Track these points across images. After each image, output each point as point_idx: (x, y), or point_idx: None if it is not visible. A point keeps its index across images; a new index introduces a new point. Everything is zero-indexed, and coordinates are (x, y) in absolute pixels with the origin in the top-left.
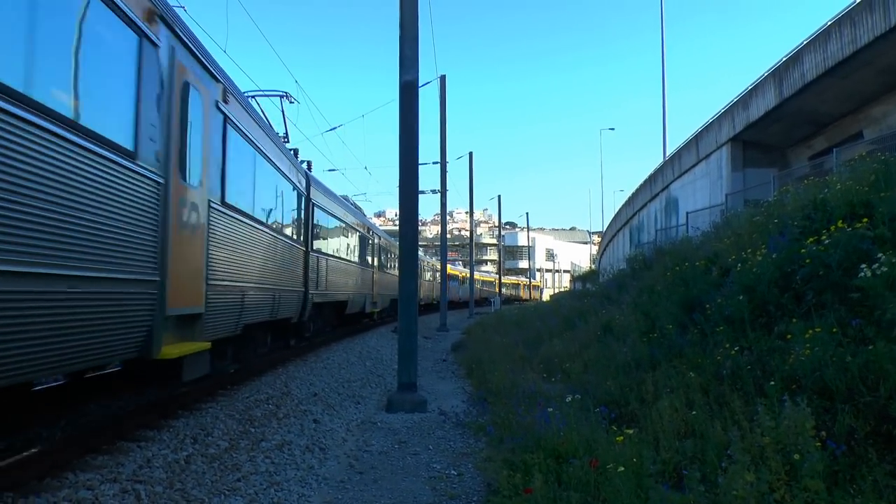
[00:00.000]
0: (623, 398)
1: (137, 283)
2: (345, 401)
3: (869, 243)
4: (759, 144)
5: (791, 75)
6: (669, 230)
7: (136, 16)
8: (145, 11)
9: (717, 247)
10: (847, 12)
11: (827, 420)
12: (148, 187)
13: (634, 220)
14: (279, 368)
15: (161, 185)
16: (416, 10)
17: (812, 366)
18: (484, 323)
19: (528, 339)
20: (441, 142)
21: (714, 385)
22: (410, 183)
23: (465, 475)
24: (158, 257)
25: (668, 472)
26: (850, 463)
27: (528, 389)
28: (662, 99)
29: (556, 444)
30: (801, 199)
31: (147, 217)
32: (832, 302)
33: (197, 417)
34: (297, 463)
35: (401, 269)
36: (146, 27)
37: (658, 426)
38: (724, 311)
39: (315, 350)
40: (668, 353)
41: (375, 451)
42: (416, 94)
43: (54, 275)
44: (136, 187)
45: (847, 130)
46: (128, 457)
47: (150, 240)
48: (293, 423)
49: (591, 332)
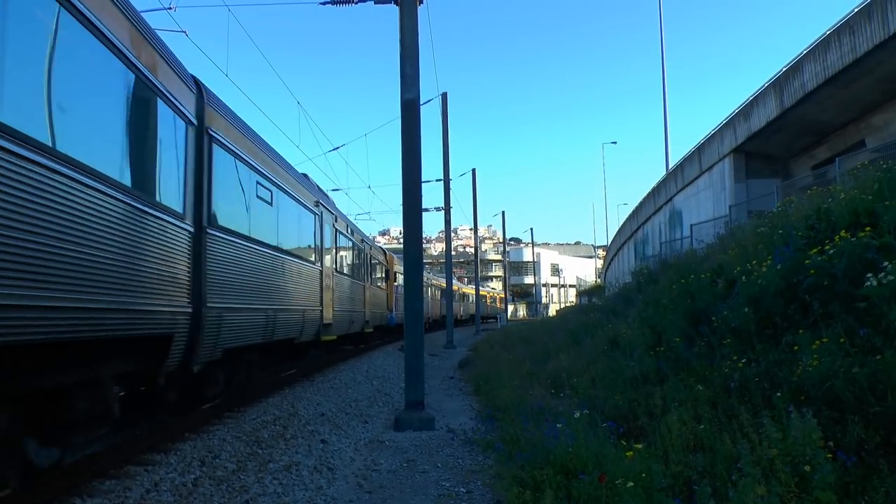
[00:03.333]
0: (631, 412)
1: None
2: (352, 420)
3: (874, 252)
4: (762, 155)
5: (791, 85)
6: (674, 243)
7: (313, 207)
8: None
9: (722, 259)
10: (846, 21)
11: (837, 431)
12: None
13: (639, 233)
14: (286, 389)
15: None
16: (417, 29)
17: (820, 377)
18: (491, 339)
19: (535, 354)
20: (444, 159)
21: (722, 398)
22: (414, 201)
23: (474, 493)
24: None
25: (677, 486)
26: (862, 474)
27: (536, 405)
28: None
29: (565, 459)
30: (804, 210)
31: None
32: (839, 312)
33: (204, 440)
34: (305, 484)
35: (406, 287)
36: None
37: (667, 440)
38: (730, 323)
39: (322, 370)
40: (676, 366)
41: (384, 470)
42: (417, 112)
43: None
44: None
45: (849, 139)
46: (135, 481)
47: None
48: (301, 444)
49: (598, 346)
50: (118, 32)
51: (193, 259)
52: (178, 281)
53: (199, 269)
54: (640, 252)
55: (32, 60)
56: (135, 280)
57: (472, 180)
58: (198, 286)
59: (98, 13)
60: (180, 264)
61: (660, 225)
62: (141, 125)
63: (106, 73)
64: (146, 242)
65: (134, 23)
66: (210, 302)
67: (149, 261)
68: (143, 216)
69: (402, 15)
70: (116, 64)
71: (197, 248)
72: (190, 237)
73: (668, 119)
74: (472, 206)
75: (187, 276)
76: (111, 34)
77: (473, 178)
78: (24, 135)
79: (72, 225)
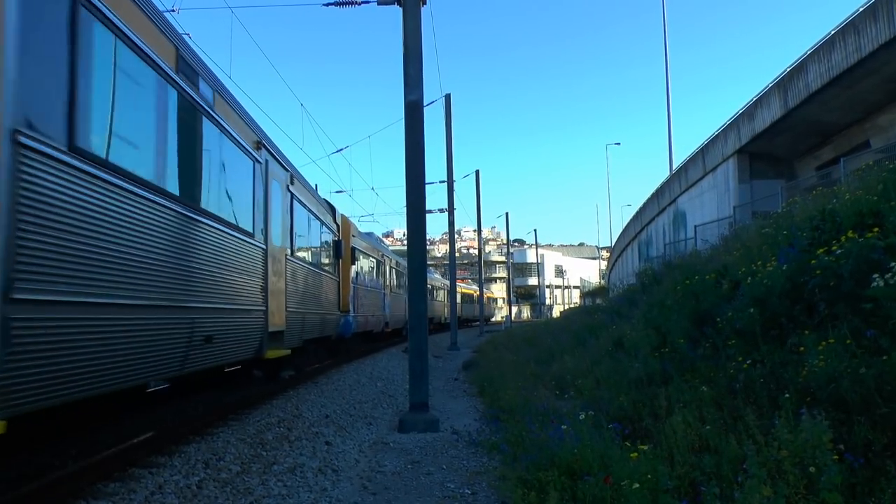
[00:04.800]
0: (636, 414)
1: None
2: (356, 422)
3: (880, 252)
4: (766, 156)
5: (796, 85)
6: (678, 244)
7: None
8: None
9: (727, 259)
10: (850, 21)
11: (843, 432)
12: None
13: (643, 234)
14: (290, 391)
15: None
16: (420, 30)
17: (826, 378)
18: (495, 341)
19: (539, 356)
20: (447, 160)
21: (727, 399)
22: (417, 203)
23: (478, 494)
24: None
25: (683, 487)
26: (869, 476)
27: (540, 407)
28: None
29: (570, 461)
30: (809, 210)
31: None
32: (845, 313)
33: (208, 442)
34: (309, 485)
35: (410, 289)
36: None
37: (672, 441)
38: (735, 324)
39: (325, 372)
40: (680, 367)
41: (388, 471)
42: (421, 114)
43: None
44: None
45: (854, 140)
46: (139, 483)
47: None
48: (305, 446)
49: (603, 347)
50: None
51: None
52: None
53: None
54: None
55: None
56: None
57: (476, 182)
58: (339, 304)
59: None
60: (337, 296)
61: (664, 226)
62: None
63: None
64: (337, 291)
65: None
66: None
67: (333, 296)
68: (335, 279)
69: (406, 16)
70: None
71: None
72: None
73: (671, 119)
74: (475, 207)
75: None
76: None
77: (477, 180)
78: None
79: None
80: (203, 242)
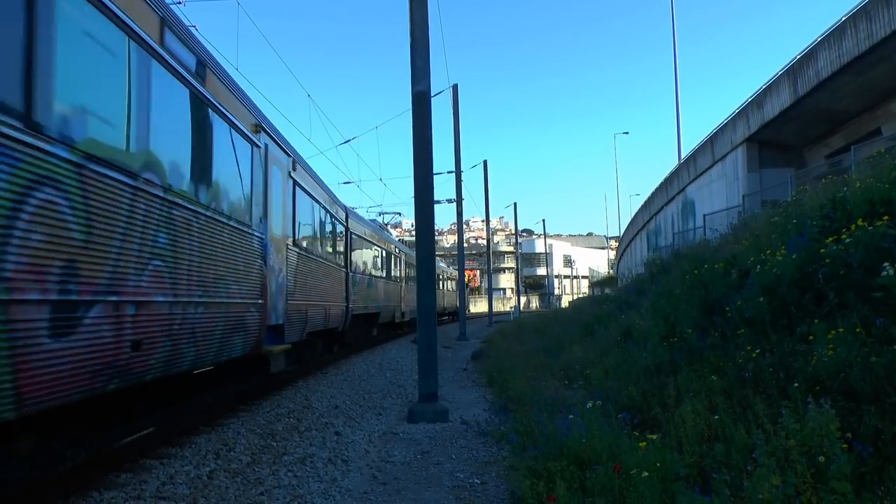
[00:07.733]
0: (645, 403)
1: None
2: (366, 412)
3: (891, 241)
4: (775, 144)
5: (806, 73)
6: (687, 233)
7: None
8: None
9: (736, 249)
10: (862, 7)
11: (853, 421)
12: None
13: (651, 223)
14: (299, 382)
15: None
16: (427, 21)
17: (836, 367)
18: (504, 331)
19: (548, 346)
20: (455, 151)
21: (736, 388)
22: (425, 193)
23: (488, 484)
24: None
25: (692, 476)
26: (878, 465)
27: (549, 397)
28: (676, 101)
29: (579, 450)
30: (819, 199)
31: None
32: (854, 302)
33: (219, 433)
34: (319, 476)
35: (418, 279)
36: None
37: (681, 431)
38: (744, 313)
39: (335, 363)
40: (689, 357)
41: (398, 461)
42: (428, 104)
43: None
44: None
45: (864, 127)
46: (151, 474)
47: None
48: (315, 436)
49: (611, 337)
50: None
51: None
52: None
53: (347, 291)
54: (652, 243)
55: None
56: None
57: (484, 172)
58: (346, 296)
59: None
60: (342, 288)
61: (672, 215)
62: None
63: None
64: (342, 282)
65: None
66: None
67: (338, 288)
68: (340, 269)
69: (413, 7)
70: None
71: (346, 280)
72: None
73: (679, 107)
74: (483, 197)
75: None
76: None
77: (485, 170)
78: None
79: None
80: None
